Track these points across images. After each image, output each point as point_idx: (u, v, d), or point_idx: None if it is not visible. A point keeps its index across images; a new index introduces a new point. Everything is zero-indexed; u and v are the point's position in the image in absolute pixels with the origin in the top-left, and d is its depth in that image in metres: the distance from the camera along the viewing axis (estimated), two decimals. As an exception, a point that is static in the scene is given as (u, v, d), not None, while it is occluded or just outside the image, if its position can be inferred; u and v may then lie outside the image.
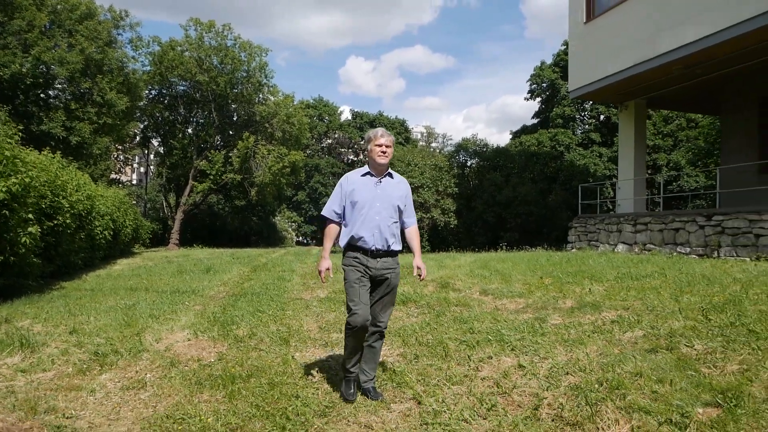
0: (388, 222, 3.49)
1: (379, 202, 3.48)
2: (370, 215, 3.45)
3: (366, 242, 3.44)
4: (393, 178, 3.63)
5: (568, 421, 2.68)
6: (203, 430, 2.80)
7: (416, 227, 3.75)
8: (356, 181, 3.56)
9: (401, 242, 3.61)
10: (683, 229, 10.59)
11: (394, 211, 3.55)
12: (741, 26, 9.44)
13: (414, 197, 18.72)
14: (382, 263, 3.46)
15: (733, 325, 4.08)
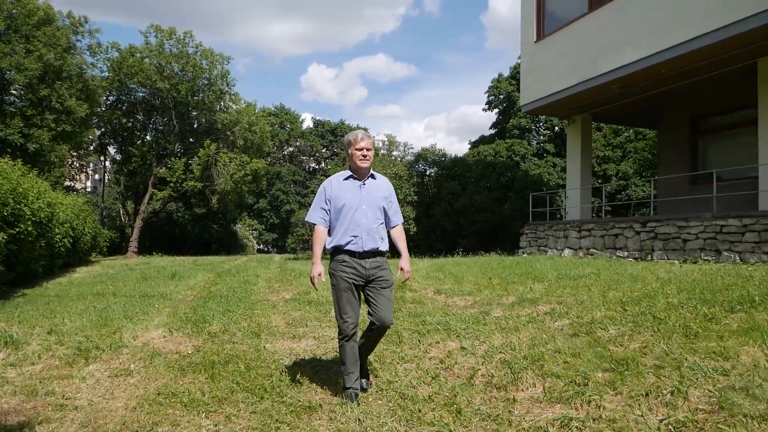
0: (374, 224, 3.51)
1: (365, 204, 3.49)
2: (357, 219, 3.46)
3: (355, 245, 3.44)
4: (375, 179, 3.64)
5: (496, 385, 3.30)
6: (192, 402, 3.28)
7: (402, 226, 3.76)
8: (339, 185, 3.56)
9: (388, 243, 3.62)
10: (622, 235, 11.52)
11: (380, 212, 3.57)
12: (672, 50, 10.39)
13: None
14: (372, 263, 3.46)
15: (644, 314, 4.79)
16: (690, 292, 5.56)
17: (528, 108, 14.88)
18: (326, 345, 4.74)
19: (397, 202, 3.77)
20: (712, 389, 2.86)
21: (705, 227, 9.82)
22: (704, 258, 9.69)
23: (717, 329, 4.08)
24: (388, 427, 2.85)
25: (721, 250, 9.48)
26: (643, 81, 11.83)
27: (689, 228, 10.10)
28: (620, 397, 2.93)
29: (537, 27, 14.33)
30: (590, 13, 12.43)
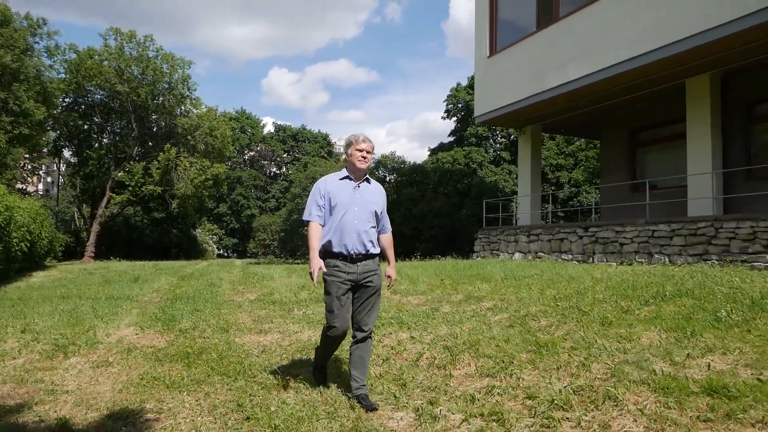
0: (366, 227, 3.49)
1: (358, 206, 3.49)
2: (349, 220, 3.45)
3: (345, 247, 3.44)
4: (370, 184, 3.65)
5: (437, 365, 3.89)
6: (174, 384, 3.73)
7: (391, 235, 3.80)
8: (334, 184, 3.55)
9: (378, 247, 3.63)
10: (567, 239, 12.37)
11: (372, 215, 3.55)
12: (611, 69, 11.27)
13: (336, 210, 19.67)
14: (363, 267, 3.46)
15: (572, 308, 5.47)
16: (615, 290, 6.29)
17: (481, 119, 15.67)
18: (291, 338, 5.22)
19: (386, 211, 3.78)
20: (610, 363, 3.51)
21: (639, 232, 10.72)
22: (638, 260, 10.57)
23: (629, 319, 4.78)
24: (345, 398, 3.38)
25: (652, 253, 10.38)
26: (586, 96, 12.74)
27: (625, 233, 11.00)
28: (537, 371, 3.54)
29: (490, 43, 15.13)
30: (538, 31, 13.29)
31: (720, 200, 10.85)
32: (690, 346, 3.74)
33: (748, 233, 8.91)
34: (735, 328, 4.09)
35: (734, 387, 2.88)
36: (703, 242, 9.57)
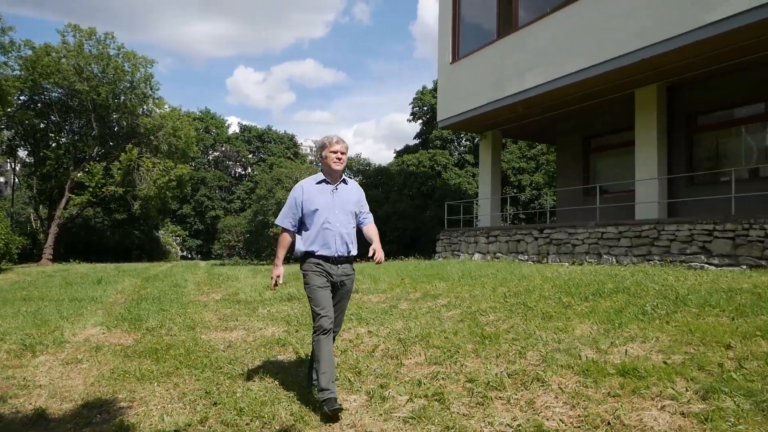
0: (347, 228, 3.54)
1: (338, 209, 3.52)
2: (330, 222, 3.48)
3: (328, 249, 3.48)
4: (347, 184, 3.67)
5: (390, 355, 4.24)
6: (144, 376, 3.97)
7: (374, 224, 3.80)
8: (312, 189, 3.56)
9: (357, 247, 3.67)
10: (523, 240, 12.93)
11: (352, 216, 3.59)
12: (564, 79, 11.86)
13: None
14: (342, 270, 3.52)
15: (519, 304, 5.90)
16: (561, 287, 6.76)
17: (444, 124, 16.15)
18: (255, 334, 5.49)
19: (367, 205, 3.83)
20: (544, 351, 3.92)
21: (589, 234, 11.33)
22: (589, 260, 11.17)
23: (568, 313, 5.23)
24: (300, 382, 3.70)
25: (601, 254, 10.99)
26: (542, 104, 13.34)
27: (577, 234, 11.60)
28: (479, 359, 3.93)
29: (452, 50, 15.63)
30: (498, 40, 13.84)
31: (664, 205, 11.56)
32: (615, 336, 4.19)
33: (687, 235, 9.57)
34: (657, 320, 4.57)
35: (643, 369, 3.32)
36: (647, 244, 10.21)
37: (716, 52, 9.80)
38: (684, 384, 3.09)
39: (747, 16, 8.59)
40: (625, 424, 2.70)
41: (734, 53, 9.79)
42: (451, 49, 15.67)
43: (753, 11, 8.51)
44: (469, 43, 15.15)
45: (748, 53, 9.74)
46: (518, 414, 2.94)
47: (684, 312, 4.83)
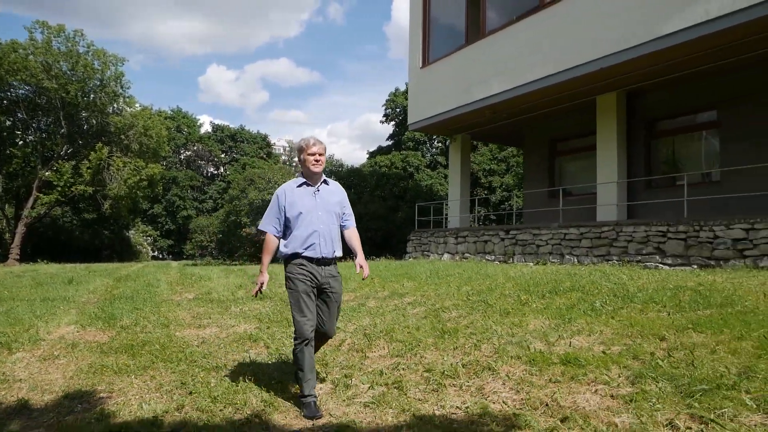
0: (331, 229, 3.56)
1: (321, 210, 3.54)
2: (314, 224, 3.49)
3: (313, 251, 3.48)
4: (329, 185, 3.70)
5: (356, 349, 4.53)
6: (121, 370, 4.17)
7: (355, 228, 3.84)
8: (294, 192, 3.58)
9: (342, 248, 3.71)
10: (490, 241, 13.35)
11: (336, 217, 3.62)
12: (529, 85, 12.31)
13: (274, 213, 19.97)
14: (327, 271, 3.54)
15: (481, 301, 6.25)
16: (521, 286, 7.13)
17: (414, 126, 16.51)
18: (228, 330, 5.71)
19: (350, 207, 3.85)
20: (497, 344, 4.26)
21: (553, 235, 11.80)
22: (552, 260, 11.64)
23: (524, 310, 5.59)
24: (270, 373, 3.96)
25: (564, 254, 11.46)
26: (508, 108, 13.79)
27: (541, 235, 12.06)
28: (438, 352, 4.25)
29: (423, 54, 16.00)
30: (466, 47, 14.24)
31: (624, 207, 12.10)
32: (564, 330, 4.55)
33: (643, 237, 10.09)
34: (604, 316, 4.95)
35: (584, 358, 3.68)
36: (606, 244, 10.71)
37: (671, 62, 10.35)
38: (617, 371, 3.45)
39: (699, 29, 9.12)
40: (561, 405, 3.03)
41: (688, 63, 10.34)
42: (422, 53, 16.03)
43: (704, 24, 9.05)
44: (439, 49, 15.53)
45: (702, 63, 10.31)
46: (468, 398, 3.26)
47: (629, 308, 5.23)
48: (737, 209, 9.96)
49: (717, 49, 9.69)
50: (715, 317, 4.51)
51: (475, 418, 2.97)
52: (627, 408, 2.92)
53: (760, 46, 9.41)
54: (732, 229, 8.81)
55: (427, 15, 15.80)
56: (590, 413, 2.89)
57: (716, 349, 3.66)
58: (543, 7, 12.02)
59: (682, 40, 9.41)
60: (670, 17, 9.46)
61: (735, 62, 10.17)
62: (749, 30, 8.78)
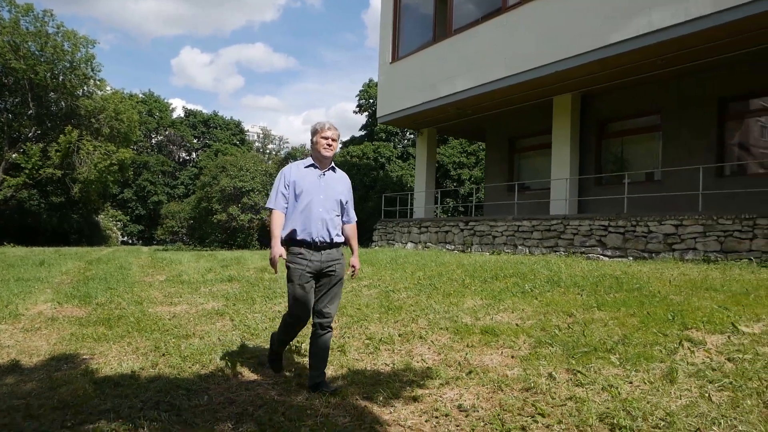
0: (331, 215, 3.50)
1: (323, 194, 3.48)
2: (314, 208, 3.45)
3: (310, 235, 3.42)
4: (335, 173, 3.65)
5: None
6: (101, 338, 4.71)
7: (355, 225, 3.80)
8: (299, 172, 3.54)
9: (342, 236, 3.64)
10: (450, 231, 14.09)
11: (337, 204, 3.56)
12: (490, 84, 13.03)
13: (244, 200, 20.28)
14: (326, 255, 3.47)
15: (430, 285, 6.93)
16: (468, 272, 7.85)
17: (383, 120, 17.12)
18: (198, 307, 6.27)
19: (353, 201, 3.80)
20: (433, 318, 4.94)
21: (507, 227, 12.59)
22: (506, 251, 12.43)
23: (465, 291, 6.30)
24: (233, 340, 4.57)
25: (517, 245, 12.26)
26: (472, 105, 14.50)
27: (497, 227, 12.84)
28: (381, 324, 4.91)
29: (392, 50, 16.58)
30: (433, 45, 14.89)
31: (575, 202, 12.97)
32: (492, 308, 5.26)
33: (587, 230, 10.93)
34: (530, 297, 5.68)
35: (499, 329, 4.38)
36: (555, 236, 11.53)
37: (619, 68, 11.17)
38: (524, 339, 4.16)
39: (642, 39, 9.93)
40: (470, 363, 3.72)
41: (635, 70, 11.18)
42: (391, 49, 16.61)
43: (647, 35, 9.85)
44: (408, 45, 16.14)
45: (646, 71, 11.16)
46: (397, 359, 3.94)
47: (554, 291, 5.97)
48: (673, 207, 10.86)
49: (659, 58, 10.53)
50: (620, 299, 5.27)
51: (399, 371, 3.64)
52: (520, 364, 3.62)
53: (698, 57, 10.27)
54: (663, 225, 9.69)
55: (398, 12, 16.37)
56: (491, 368, 3.58)
57: (608, 323, 4.41)
58: (505, 10, 12.72)
59: (627, 48, 10.21)
60: (618, 27, 10.24)
61: (676, 71, 11.04)
62: (688, 42, 9.62)
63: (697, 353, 3.60)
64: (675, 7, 9.37)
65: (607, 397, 2.98)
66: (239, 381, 3.59)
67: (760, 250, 8.44)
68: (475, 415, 2.90)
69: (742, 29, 8.98)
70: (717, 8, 8.82)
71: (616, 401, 2.90)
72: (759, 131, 11.35)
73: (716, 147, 11.20)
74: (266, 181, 22.07)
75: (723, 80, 11.00)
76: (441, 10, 14.94)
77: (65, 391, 3.34)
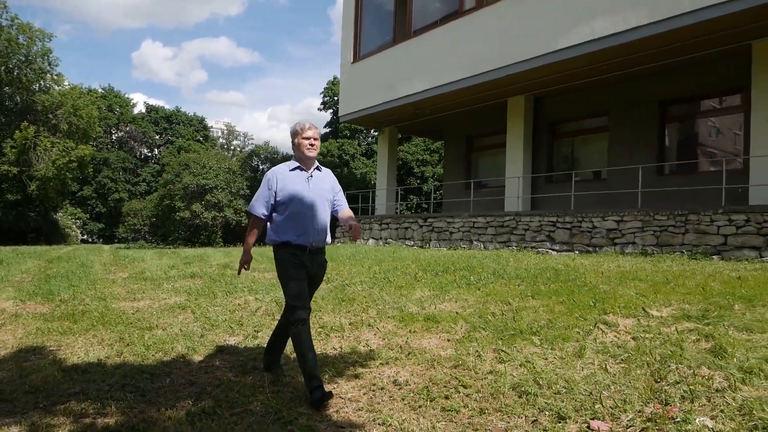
0: (323, 217, 3.48)
1: (313, 197, 3.44)
2: (305, 211, 3.41)
3: (304, 239, 3.39)
4: (321, 171, 3.61)
5: (267, 313, 5.52)
6: (66, 332, 4.95)
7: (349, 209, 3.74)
8: (286, 176, 3.47)
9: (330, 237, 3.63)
10: (410, 228, 14.56)
11: (328, 204, 3.54)
12: (446, 86, 13.52)
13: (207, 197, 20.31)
14: (317, 260, 3.48)
15: (383, 278, 7.34)
16: (422, 266, 8.29)
17: (345, 118, 17.47)
18: (161, 302, 6.52)
19: (342, 192, 3.77)
20: (382, 308, 5.35)
21: (464, 223, 13.12)
22: (462, 246, 12.96)
23: (415, 284, 6.73)
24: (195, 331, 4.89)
25: (472, 240, 12.81)
26: (430, 105, 14.98)
27: (454, 223, 13.36)
28: (334, 314, 5.30)
29: (354, 50, 16.93)
30: (393, 46, 15.31)
31: (528, 199, 13.59)
32: (438, 298, 5.71)
33: (537, 226, 11.53)
34: (473, 288, 6.15)
35: (441, 317, 4.82)
36: (508, 232, 12.11)
37: (567, 72, 11.79)
38: (461, 324, 4.61)
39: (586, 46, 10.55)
40: (411, 346, 4.15)
41: (582, 74, 11.83)
42: (353, 50, 16.96)
43: (590, 42, 10.47)
44: (369, 46, 16.52)
45: (593, 75, 11.82)
46: (344, 344, 4.33)
47: (497, 283, 6.46)
48: (617, 204, 11.56)
49: (604, 64, 11.19)
50: (554, 289, 5.79)
51: (345, 354, 4.04)
52: (453, 346, 4.06)
53: (640, 63, 10.96)
54: (606, 221, 10.35)
55: (359, 14, 16.72)
56: (427, 350, 4.02)
57: (538, 310, 4.90)
58: (461, 14, 13.23)
59: (573, 54, 10.83)
60: (564, 34, 10.85)
61: (620, 75, 11.72)
62: (628, 49, 10.27)
63: (609, 334, 4.11)
64: (615, 17, 10.01)
65: (523, 371, 3.44)
66: (199, 366, 3.92)
67: (691, 243, 9.16)
68: (408, 387, 3.32)
69: (675, 38, 9.68)
70: (651, 19, 9.48)
71: (530, 374, 3.36)
72: (696, 133, 12.16)
73: (657, 147, 11.96)
74: (230, 179, 22.16)
75: (664, 85, 11.74)
76: (401, 12, 15.36)
77: (36, 378, 3.61)
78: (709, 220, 9.01)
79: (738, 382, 2.96)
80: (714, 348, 3.55)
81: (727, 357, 3.37)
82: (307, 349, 3.28)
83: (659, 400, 2.85)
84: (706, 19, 8.95)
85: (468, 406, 2.99)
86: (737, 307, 4.60)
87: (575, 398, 2.96)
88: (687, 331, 4.02)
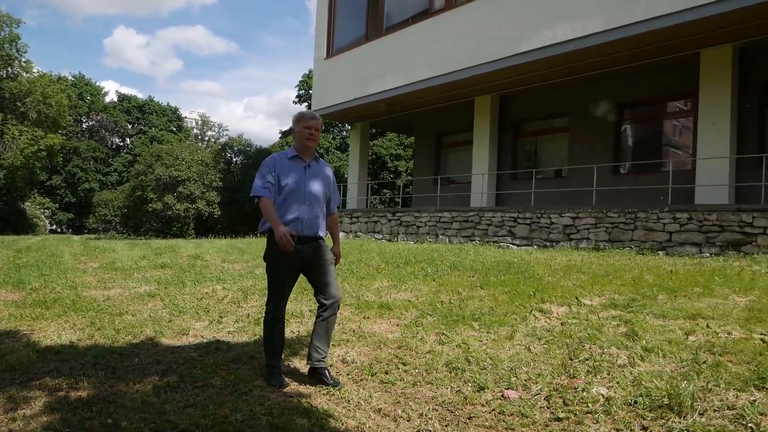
0: (317, 207, 3.48)
1: (309, 187, 3.44)
2: (300, 201, 3.41)
3: (296, 228, 3.37)
4: (319, 163, 3.60)
5: (234, 301, 5.86)
6: (39, 317, 5.21)
7: (337, 215, 3.75)
8: (284, 163, 3.47)
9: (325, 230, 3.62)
10: (379, 222, 14.96)
11: (323, 196, 3.53)
12: (416, 84, 13.90)
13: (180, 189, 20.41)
14: (310, 247, 3.46)
15: (347, 270, 7.71)
16: (385, 258, 8.69)
17: (318, 113, 17.72)
18: (131, 291, 6.78)
19: (337, 191, 3.74)
20: (353, 299, 5.73)
21: (430, 217, 13.57)
22: (428, 240, 13.41)
23: (376, 275, 7.12)
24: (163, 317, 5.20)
25: (438, 234, 13.26)
26: (401, 102, 15.36)
27: (421, 218, 13.80)
28: (295, 303, 5.66)
29: (327, 46, 17.19)
30: (366, 43, 15.63)
31: (492, 195, 14.09)
32: (395, 288, 6.11)
33: (499, 221, 12.03)
34: (429, 279, 6.57)
35: (394, 305, 5.23)
36: (472, 227, 12.59)
37: (531, 74, 12.28)
38: (412, 311, 5.02)
39: (549, 49, 11.02)
40: (363, 330, 4.55)
41: (545, 76, 12.32)
42: (326, 45, 17.23)
43: (553, 46, 10.95)
44: (342, 42, 16.80)
45: (556, 77, 12.32)
46: (301, 329, 4.71)
47: (452, 275, 6.89)
48: (575, 201, 12.12)
49: (565, 67, 11.70)
50: (502, 280, 6.24)
51: (302, 337, 4.42)
52: (401, 330, 4.47)
53: (598, 67, 11.50)
54: (563, 217, 10.89)
55: (332, 11, 16.97)
56: (377, 334, 4.42)
57: (484, 299, 5.34)
58: (431, 14, 13.62)
59: (535, 57, 11.30)
60: (527, 38, 11.31)
61: (580, 78, 12.25)
62: (587, 54, 10.78)
63: (542, 320, 4.56)
64: (575, 23, 10.51)
65: (458, 351, 3.86)
66: (166, 347, 4.24)
67: (640, 239, 9.74)
68: (354, 365, 3.72)
69: (631, 45, 10.22)
70: (608, 26, 10.00)
71: (463, 353, 3.78)
72: (650, 135, 12.79)
73: (613, 148, 12.55)
74: (202, 171, 22.24)
75: (621, 88, 12.31)
76: (373, 10, 15.67)
77: (11, 358, 3.89)
78: (656, 218, 9.59)
79: (638, 359, 3.42)
80: (628, 332, 4.02)
81: (637, 339, 3.83)
82: (278, 348, 3.50)
83: (568, 374, 3.30)
84: (659, 27, 9.49)
85: (404, 380, 3.40)
86: (661, 297, 5.10)
87: (497, 373, 3.39)
88: (611, 318, 4.49)
